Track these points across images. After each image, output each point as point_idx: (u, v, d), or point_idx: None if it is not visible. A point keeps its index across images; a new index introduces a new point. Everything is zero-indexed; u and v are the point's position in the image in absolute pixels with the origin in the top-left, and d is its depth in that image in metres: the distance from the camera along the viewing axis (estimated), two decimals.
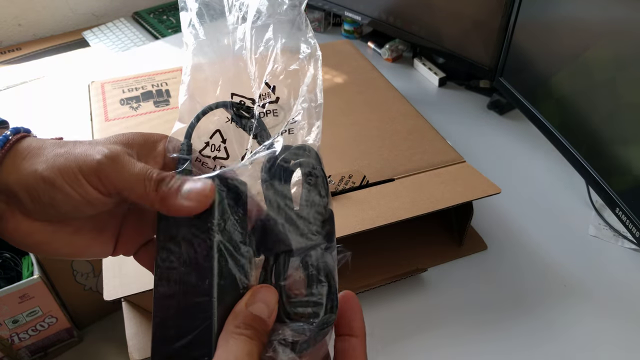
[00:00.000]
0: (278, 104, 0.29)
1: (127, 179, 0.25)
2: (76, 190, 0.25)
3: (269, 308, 0.25)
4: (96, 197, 0.25)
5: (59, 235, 0.27)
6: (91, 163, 0.25)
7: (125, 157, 0.26)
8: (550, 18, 0.65)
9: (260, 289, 0.25)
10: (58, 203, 0.25)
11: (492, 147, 0.79)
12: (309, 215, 0.27)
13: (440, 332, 0.54)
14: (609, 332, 0.54)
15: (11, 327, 0.98)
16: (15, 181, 0.25)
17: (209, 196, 0.25)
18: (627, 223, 0.55)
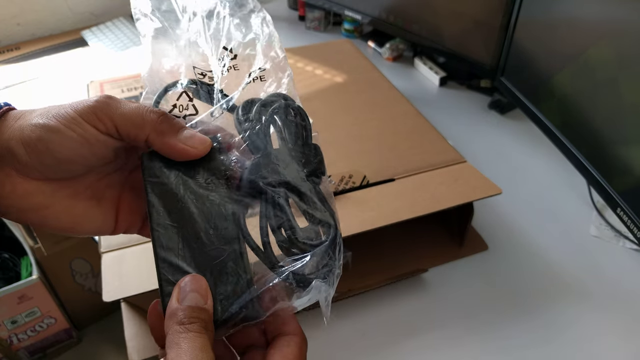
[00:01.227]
0: (237, 59, 0.30)
1: (124, 112, 0.26)
2: (74, 129, 0.25)
3: (202, 294, 0.24)
4: (94, 134, 0.25)
5: (57, 198, 0.26)
6: (87, 103, 0.26)
7: (118, 98, 0.27)
8: (551, 17, 0.65)
9: (184, 281, 0.25)
10: (55, 147, 0.25)
11: (493, 146, 0.79)
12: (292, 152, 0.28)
13: (440, 332, 0.54)
14: (610, 332, 0.54)
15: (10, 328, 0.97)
16: (9, 136, 0.25)
17: (208, 145, 0.27)
18: (629, 223, 0.54)
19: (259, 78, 0.29)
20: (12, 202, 0.26)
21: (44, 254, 0.95)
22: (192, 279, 0.25)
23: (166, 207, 0.26)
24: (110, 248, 0.50)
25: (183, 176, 0.27)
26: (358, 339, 0.53)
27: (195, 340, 0.23)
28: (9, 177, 0.25)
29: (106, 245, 0.50)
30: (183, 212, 0.26)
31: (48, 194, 0.26)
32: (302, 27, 1.17)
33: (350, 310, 0.56)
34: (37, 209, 0.26)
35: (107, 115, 0.25)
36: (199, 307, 0.24)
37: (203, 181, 0.27)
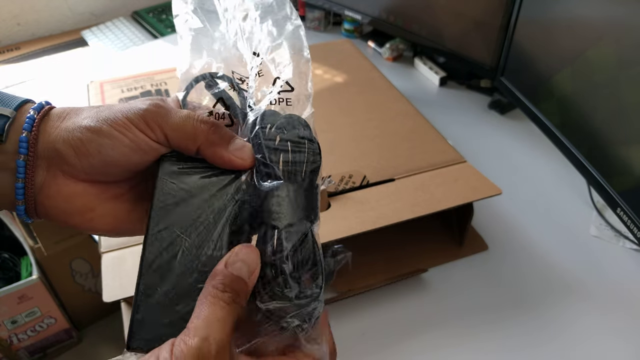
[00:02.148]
0: (261, 65, 0.29)
1: (175, 121, 0.26)
2: (125, 134, 0.25)
3: (250, 268, 0.25)
4: (145, 141, 0.26)
5: (101, 200, 0.27)
6: (138, 111, 0.26)
7: (169, 105, 0.27)
8: (551, 17, 0.65)
9: (241, 248, 0.25)
10: (107, 151, 0.25)
11: (492, 146, 0.79)
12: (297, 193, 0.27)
13: (440, 332, 0.54)
14: (610, 332, 0.54)
15: (10, 328, 0.98)
16: (57, 138, 0.25)
17: (254, 159, 0.27)
18: (629, 223, 0.54)
19: (285, 101, 0.28)
20: (57, 203, 0.26)
21: (44, 254, 0.95)
22: (247, 249, 0.25)
23: (169, 214, 0.26)
24: (110, 248, 0.50)
25: (195, 186, 0.27)
26: (358, 338, 0.53)
27: (218, 309, 0.23)
28: (55, 178, 0.26)
29: (106, 245, 0.50)
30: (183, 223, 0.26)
31: (93, 196, 0.27)
32: None
33: (350, 310, 0.56)
34: (82, 212, 0.27)
35: (157, 124, 0.26)
36: (239, 278, 0.24)
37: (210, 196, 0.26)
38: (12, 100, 0.26)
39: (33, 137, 0.25)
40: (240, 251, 0.25)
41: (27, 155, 0.25)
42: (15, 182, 0.25)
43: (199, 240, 0.25)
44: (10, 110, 0.25)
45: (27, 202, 0.26)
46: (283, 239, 0.25)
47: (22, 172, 0.25)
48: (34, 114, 0.25)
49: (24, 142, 0.25)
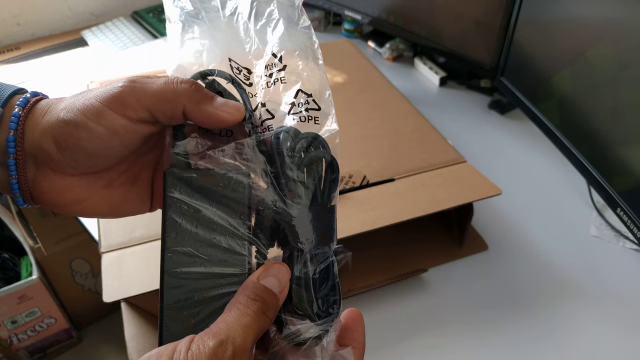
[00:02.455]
0: (286, 71, 0.28)
1: (154, 91, 0.25)
2: (101, 123, 0.24)
3: (281, 284, 0.25)
4: (123, 124, 0.25)
5: (92, 189, 0.27)
6: (112, 92, 0.25)
7: (142, 78, 0.26)
8: (551, 17, 0.65)
9: (273, 265, 0.25)
10: (84, 143, 0.25)
11: (492, 146, 0.79)
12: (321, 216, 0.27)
13: (440, 332, 0.54)
14: (609, 332, 0.54)
15: (10, 328, 0.97)
16: (40, 135, 0.25)
17: (242, 111, 0.26)
18: (629, 223, 0.54)
19: (313, 119, 0.27)
20: (50, 197, 0.26)
21: (44, 254, 0.95)
22: (280, 266, 0.25)
23: (182, 229, 0.25)
24: (110, 248, 0.50)
25: (205, 200, 0.25)
26: None
27: (244, 316, 0.23)
28: (45, 175, 0.26)
29: (106, 245, 0.50)
30: (196, 238, 0.25)
31: (84, 187, 0.26)
32: None
33: None
34: (76, 202, 0.27)
35: (136, 99, 0.25)
36: (271, 291, 0.24)
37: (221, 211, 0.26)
38: (0, 94, 0.25)
39: (19, 135, 0.25)
40: (273, 267, 0.25)
41: (15, 154, 0.25)
42: (9, 179, 0.25)
43: (217, 257, 0.25)
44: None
45: (23, 194, 0.26)
46: (309, 262, 0.26)
47: (13, 169, 0.25)
48: (19, 111, 0.25)
49: (12, 141, 0.25)
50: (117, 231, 0.52)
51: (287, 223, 0.26)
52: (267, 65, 0.28)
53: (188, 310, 0.24)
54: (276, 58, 0.28)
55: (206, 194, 0.25)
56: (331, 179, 0.27)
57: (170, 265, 0.24)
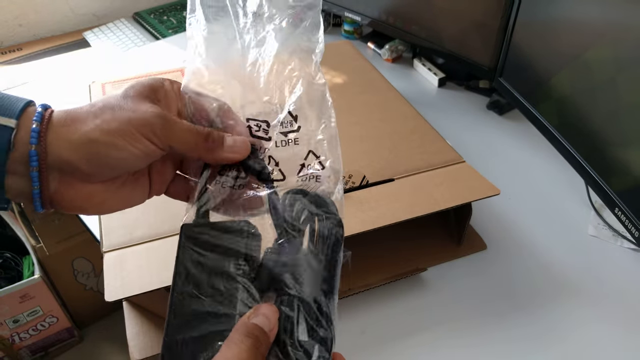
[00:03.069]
0: (299, 132, 0.31)
1: (179, 135, 0.29)
2: (136, 146, 0.28)
3: (270, 322, 0.27)
4: (153, 149, 0.29)
5: (110, 192, 0.30)
6: (142, 120, 0.28)
7: (171, 116, 0.29)
8: (550, 18, 0.65)
9: (261, 305, 0.28)
10: (120, 162, 0.28)
11: (491, 147, 0.79)
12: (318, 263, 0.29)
13: (439, 331, 0.54)
14: (608, 331, 0.54)
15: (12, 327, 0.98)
16: (68, 151, 0.27)
17: (247, 148, 0.30)
18: (627, 223, 0.55)
19: (315, 178, 0.30)
20: (74, 203, 0.29)
21: (46, 253, 0.96)
22: (268, 307, 0.28)
23: (190, 274, 0.28)
24: (112, 248, 0.50)
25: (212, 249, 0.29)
26: (357, 337, 0.54)
27: (242, 353, 0.25)
28: (70, 184, 0.28)
29: (108, 245, 0.51)
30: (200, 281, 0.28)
31: (102, 192, 0.30)
32: None
33: (350, 308, 0.56)
34: (96, 205, 0.30)
35: (164, 134, 0.28)
36: (261, 328, 0.26)
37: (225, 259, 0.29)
38: (12, 106, 0.27)
39: (42, 149, 0.27)
40: (261, 307, 0.27)
41: (38, 166, 0.27)
42: (32, 190, 0.27)
43: (215, 300, 0.28)
44: (14, 120, 0.27)
45: (44, 202, 0.28)
46: (301, 309, 0.28)
47: (36, 181, 0.27)
48: (37, 126, 0.27)
49: (34, 156, 0.27)
50: (119, 231, 0.52)
51: (282, 268, 0.28)
52: (283, 122, 0.31)
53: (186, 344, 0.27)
54: (292, 117, 0.31)
55: (214, 243, 0.29)
56: (335, 235, 0.29)
57: (176, 304, 0.28)
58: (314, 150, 0.30)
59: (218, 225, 0.30)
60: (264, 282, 0.29)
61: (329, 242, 0.29)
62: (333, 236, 0.29)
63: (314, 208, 0.29)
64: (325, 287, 0.29)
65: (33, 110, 0.27)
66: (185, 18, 0.32)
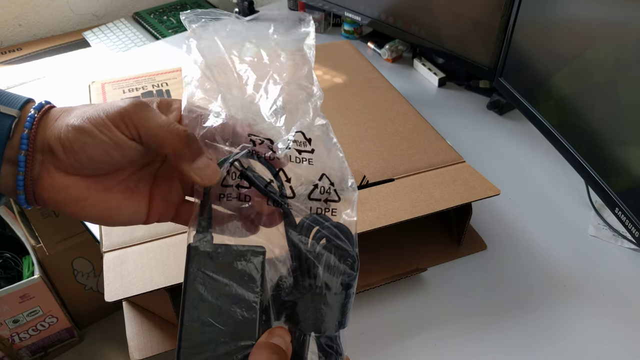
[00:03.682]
0: (314, 154, 0.30)
1: (150, 125, 0.27)
2: (104, 133, 0.27)
3: (285, 343, 0.27)
4: (122, 139, 0.27)
5: (91, 191, 0.29)
6: (116, 109, 0.27)
7: (149, 106, 0.28)
8: (550, 18, 0.65)
9: (274, 329, 0.28)
10: (89, 147, 0.27)
11: (491, 147, 0.79)
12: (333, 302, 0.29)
13: (439, 331, 0.54)
14: (608, 331, 0.54)
15: (12, 327, 0.98)
16: (50, 135, 0.28)
17: (216, 178, 0.28)
18: (627, 223, 0.55)
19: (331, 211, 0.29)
20: (51, 194, 0.28)
21: (46, 253, 0.96)
22: (280, 329, 0.28)
23: (200, 300, 0.27)
24: (112, 248, 0.50)
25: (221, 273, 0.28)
26: (357, 337, 0.54)
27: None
28: (48, 172, 0.28)
29: (108, 244, 0.51)
30: (212, 308, 0.27)
31: (83, 188, 0.29)
32: None
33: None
34: (75, 201, 0.29)
35: (133, 123, 0.27)
36: (280, 347, 0.27)
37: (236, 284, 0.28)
38: (16, 100, 0.28)
39: (32, 134, 0.27)
40: (275, 330, 0.28)
41: (27, 150, 0.27)
42: (17, 175, 0.27)
43: (232, 328, 0.27)
44: (16, 110, 0.28)
45: (27, 192, 0.28)
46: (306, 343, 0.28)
47: (22, 165, 0.27)
48: (34, 113, 0.28)
49: (25, 138, 0.27)
50: (119, 231, 0.52)
51: (292, 302, 0.28)
52: (297, 141, 0.30)
53: None
54: (306, 139, 0.30)
55: (223, 267, 0.28)
56: (348, 273, 0.29)
57: (188, 334, 0.27)
58: (328, 176, 0.29)
59: (227, 247, 0.28)
60: (276, 311, 0.29)
61: (343, 281, 0.29)
62: (347, 276, 0.29)
63: (333, 239, 0.28)
64: (336, 323, 0.29)
65: (34, 103, 0.29)
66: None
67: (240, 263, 0.28)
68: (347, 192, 0.30)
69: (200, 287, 0.27)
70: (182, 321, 0.27)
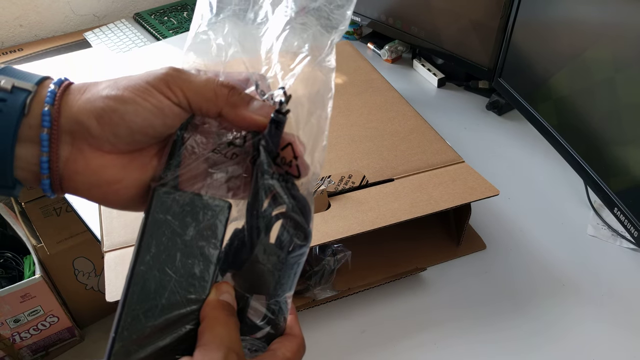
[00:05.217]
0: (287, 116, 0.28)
1: (196, 86, 0.26)
2: (148, 99, 0.25)
3: (232, 299, 0.27)
4: (168, 104, 0.26)
5: (128, 171, 0.27)
6: (157, 75, 0.26)
7: (187, 71, 0.27)
8: (548, 19, 0.65)
9: (221, 284, 0.28)
10: (130, 117, 0.25)
11: (490, 147, 0.80)
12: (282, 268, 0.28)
13: (438, 330, 0.54)
14: (607, 331, 0.54)
15: (13, 327, 0.98)
16: (79, 111, 0.25)
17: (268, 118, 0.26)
18: (626, 223, 0.55)
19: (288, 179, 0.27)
20: (84, 177, 0.26)
21: (47, 253, 0.96)
22: (225, 284, 0.28)
23: (157, 249, 0.26)
24: (113, 247, 0.51)
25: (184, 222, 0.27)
26: (357, 336, 0.54)
27: (229, 326, 0.26)
28: (81, 152, 0.26)
29: (109, 244, 0.51)
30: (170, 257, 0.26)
31: (120, 167, 0.27)
32: None
33: (350, 308, 0.56)
34: (109, 183, 0.27)
35: (179, 87, 0.26)
36: (229, 303, 0.27)
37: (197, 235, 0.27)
38: (31, 76, 0.26)
39: (56, 110, 0.25)
40: (221, 285, 0.28)
41: (50, 128, 0.25)
42: (40, 156, 0.25)
43: (186, 280, 0.26)
44: (31, 84, 0.25)
45: (52, 176, 0.26)
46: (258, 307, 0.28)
47: (46, 145, 0.25)
48: (55, 88, 0.26)
49: (47, 115, 0.25)
50: (120, 230, 0.52)
51: (242, 260, 0.28)
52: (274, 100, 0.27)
53: (147, 320, 0.25)
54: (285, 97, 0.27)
55: (187, 216, 0.27)
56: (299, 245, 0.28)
57: (138, 277, 0.26)
58: (293, 144, 0.27)
59: (193, 195, 0.27)
60: (225, 266, 0.28)
61: (293, 252, 0.28)
62: (298, 251, 0.28)
63: (290, 210, 0.27)
64: (279, 288, 0.28)
65: (52, 80, 0.27)
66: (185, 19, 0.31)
67: (205, 215, 0.27)
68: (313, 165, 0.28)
69: (160, 233, 0.26)
70: (135, 265, 0.26)
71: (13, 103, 0.24)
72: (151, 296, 0.25)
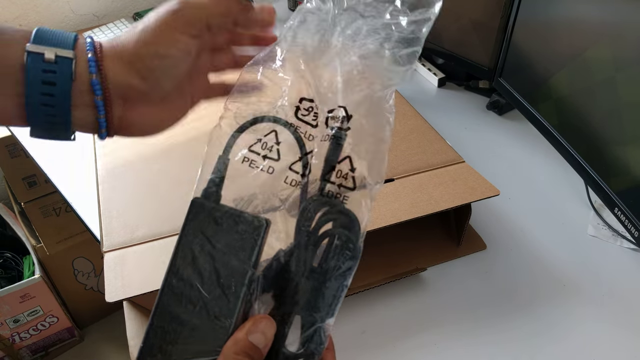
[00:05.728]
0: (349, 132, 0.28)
1: (209, 6, 0.29)
2: (178, 47, 0.28)
3: (266, 339, 0.26)
4: (193, 44, 0.29)
5: (166, 111, 0.31)
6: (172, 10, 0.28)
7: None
8: (549, 18, 0.65)
9: (261, 320, 0.26)
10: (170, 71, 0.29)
11: (491, 147, 0.79)
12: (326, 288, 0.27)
13: (439, 331, 0.54)
14: (608, 331, 0.54)
15: (12, 327, 0.98)
16: (123, 74, 0.28)
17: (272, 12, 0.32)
18: (626, 223, 0.55)
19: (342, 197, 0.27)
20: (139, 127, 0.30)
21: (46, 253, 0.96)
22: (268, 322, 0.26)
23: (193, 258, 0.26)
24: (113, 247, 0.51)
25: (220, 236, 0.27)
26: (357, 336, 0.54)
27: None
28: (136, 109, 0.29)
29: (108, 244, 0.51)
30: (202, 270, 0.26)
31: (162, 110, 0.30)
32: None
33: (350, 308, 0.56)
34: (156, 125, 0.31)
35: (194, 14, 0.29)
36: (255, 347, 0.26)
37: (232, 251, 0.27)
38: (64, 38, 0.28)
39: (103, 78, 0.28)
40: (261, 322, 0.26)
41: (103, 95, 0.28)
42: (98, 118, 0.28)
43: (218, 298, 0.26)
44: (71, 50, 0.27)
45: (109, 130, 0.29)
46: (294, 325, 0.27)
47: (101, 109, 0.28)
48: (93, 55, 0.28)
49: (97, 84, 0.27)
50: (119, 231, 0.52)
51: (286, 279, 0.27)
52: (335, 116, 0.28)
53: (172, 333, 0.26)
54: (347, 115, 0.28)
55: (223, 231, 0.27)
56: (348, 264, 0.27)
57: (171, 288, 0.26)
58: (352, 158, 0.27)
59: (232, 211, 0.27)
60: (267, 286, 0.27)
61: (339, 269, 0.27)
62: (345, 266, 0.27)
63: (338, 226, 0.27)
64: (324, 310, 0.27)
65: (83, 41, 0.28)
66: None
67: (241, 231, 0.26)
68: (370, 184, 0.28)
69: (195, 247, 0.26)
70: (168, 276, 0.26)
71: (62, 72, 0.27)
72: (178, 310, 0.26)
